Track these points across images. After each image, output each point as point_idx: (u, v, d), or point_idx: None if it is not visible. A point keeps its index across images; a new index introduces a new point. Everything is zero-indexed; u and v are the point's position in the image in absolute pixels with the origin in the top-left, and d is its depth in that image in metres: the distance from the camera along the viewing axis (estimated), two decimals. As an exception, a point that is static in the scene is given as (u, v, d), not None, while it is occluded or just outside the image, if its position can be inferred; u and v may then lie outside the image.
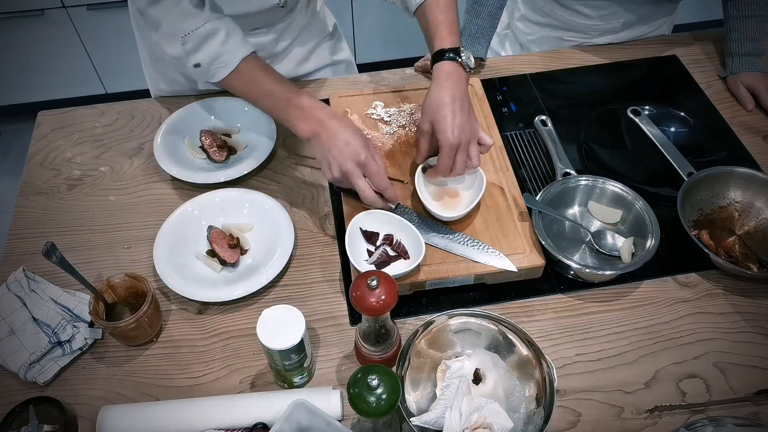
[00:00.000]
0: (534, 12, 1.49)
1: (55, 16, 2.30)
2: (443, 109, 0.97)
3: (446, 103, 0.97)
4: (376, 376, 0.73)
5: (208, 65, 1.01)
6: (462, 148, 0.98)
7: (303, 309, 0.85)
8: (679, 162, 1.16)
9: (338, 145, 0.95)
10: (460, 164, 0.99)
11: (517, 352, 0.88)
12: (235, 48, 1.01)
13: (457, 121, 0.97)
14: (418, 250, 0.97)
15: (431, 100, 0.99)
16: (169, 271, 1.00)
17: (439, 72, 1.01)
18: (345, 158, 0.95)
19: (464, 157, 0.99)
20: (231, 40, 1.01)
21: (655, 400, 0.89)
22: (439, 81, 1.00)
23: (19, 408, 0.85)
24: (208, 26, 0.99)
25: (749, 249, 1.05)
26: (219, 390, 0.91)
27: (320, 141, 0.97)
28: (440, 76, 1.00)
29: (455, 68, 1.00)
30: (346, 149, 0.95)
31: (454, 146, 0.97)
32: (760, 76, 1.30)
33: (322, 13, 1.37)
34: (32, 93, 2.56)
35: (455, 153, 0.98)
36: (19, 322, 0.94)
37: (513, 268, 0.98)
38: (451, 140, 0.96)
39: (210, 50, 1.00)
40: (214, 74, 1.02)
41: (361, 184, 0.97)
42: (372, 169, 0.97)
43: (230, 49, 1.00)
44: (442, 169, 1.00)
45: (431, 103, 0.99)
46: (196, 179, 1.13)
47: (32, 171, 1.20)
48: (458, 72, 1.00)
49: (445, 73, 1.00)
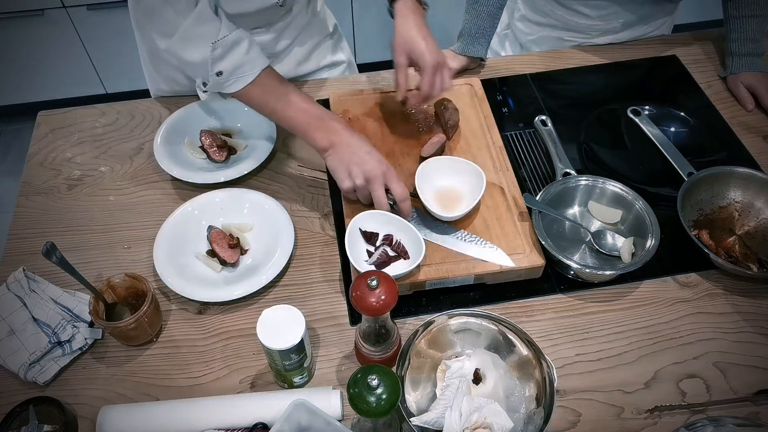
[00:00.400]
0: (534, 12, 1.49)
1: (55, 16, 2.30)
2: (416, 38, 1.06)
3: (415, 32, 1.06)
4: (376, 376, 0.73)
5: (229, 74, 1.01)
6: (440, 67, 1.07)
7: (303, 309, 0.85)
8: (679, 162, 1.16)
9: (360, 154, 0.99)
10: (438, 84, 1.08)
11: (517, 352, 0.88)
12: (256, 59, 1.02)
13: (430, 44, 1.06)
14: (418, 250, 0.97)
15: (401, 34, 1.07)
16: (169, 271, 1.00)
17: (402, 9, 1.09)
18: (369, 166, 0.98)
19: (441, 78, 1.08)
20: (252, 51, 1.02)
21: (655, 400, 0.89)
22: (404, 16, 1.08)
23: (19, 408, 0.85)
24: (234, 34, 1.00)
25: (749, 249, 1.05)
26: (219, 390, 0.91)
27: (338, 151, 1.00)
28: (403, 12, 1.08)
29: (414, 4, 1.09)
30: (368, 157, 0.99)
31: (434, 66, 1.06)
32: (760, 76, 1.30)
33: (323, 13, 1.37)
34: (32, 93, 2.56)
35: (435, 72, 1.06)
36: (19, 322, 0.94)
37: (510, 263, 0.98)
38: (431, 60, 1.05)
39: (234, 59, 1.00)
40: (233, 83, 1.02)
41: (381, 192, 0.99)
42: (394, 179, 0.99)
43: (252, 60, 1.01)
44: (425, 91, 1.08)
45: (402, 37, 1.07)
46: (196, 179, 1.13)
47: (32, 171, 1.20)
48: (417, 8, 1.10)
49: (407, 9, 1.08)
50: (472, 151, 1.15)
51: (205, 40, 0.98)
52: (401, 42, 1.07)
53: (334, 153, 1.01)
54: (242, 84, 1.02)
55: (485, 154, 1.15)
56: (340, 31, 1.46)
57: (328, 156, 1.02)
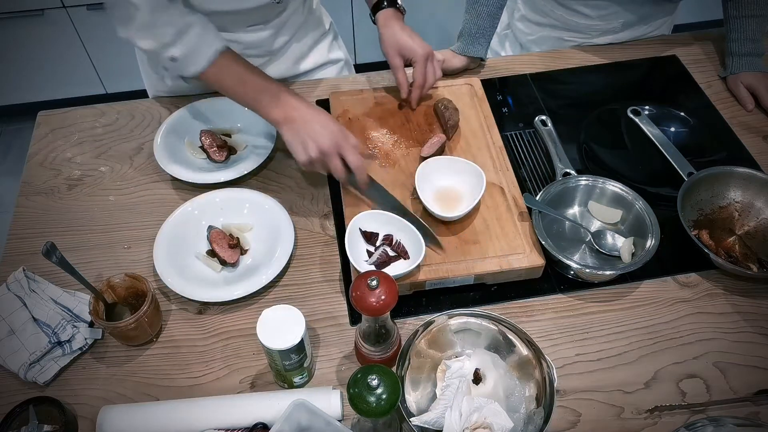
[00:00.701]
0: (534, 12, 1.49)
1: (55, 16, 2.30)
2: (402, 37, 1.16)
3: (401, 34, 1.16)
4: (376, 376, 0.73)
5: (184, 57, 1.01)
6: (430, 58, 1.17)
7: (303, 309, 0.85)
8: (679, 162, 1.16)
9: (315, 127, 1.00)
10: (431, 73, 1.18)
11: (517, 352, 0.88)
12: (211, 41, 1.02)
13: (417, 40, 1.16)
14: (418, 250, 0.97)
15: (388, 38, 1.17)
16: (169, 271, 1.00)
17: (384, 17, 1.19)
18: (323, 138, 0.99)
19: (432, 67, 1.18)
20: (207, 34, 1.02)
21: (655, 400, 0.89)
22: (387, 22, 1.18)
23: (19, 408, 0.85)
24: (184, 20, 1.00)
25: (749, 249, 1.05)
26: (219, 390, 0.91)
27: (294, 125, 1.01)
28: (386, 19, 1.18)
29: (394, 12, 1.19)
30: (322, 130, 1.00)
31: (425, 56, 1.16)
32: (760, 76, 1.30)
33: (318, 11, 1.38)
34: (32, 93, 2.56)
35: (426, 63, 1.16)
36: (19, 322, 0.94)
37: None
38: (421, 52, 1.15)
39: (187, 43, 1.00)
40: (189, 67, 1.02)
41: (336, 163, 1.00)
42: (349, 149, 1.01)
43: (207, 42, 1.02)
44: (419, 81, 1.18)
45: (390, 40, 1.17)
46: (196, 179, 1.13)
47: (32, 171, 1.20)
48: (397, 14, 1.20)
49: (389, 17, 1.18)
50: (472, 151, 1.15)
51: (158, 27, 0.99)
52: (391, 44, 1.17)
53: (288, 126, 1.01)
54: (198, 67, 1.02)
55: (485, 154, 1.15)
56: (335, 30, 1.46)
57: (283, 129, 1.02)
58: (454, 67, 1.33)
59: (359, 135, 1.18)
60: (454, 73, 1.34)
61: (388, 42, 1.17)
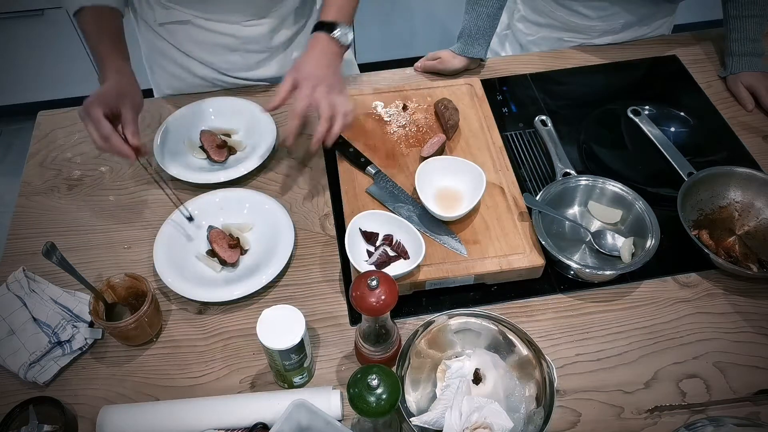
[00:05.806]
0: (534, 13, 1.49)
1: (55, 16, 2.30)
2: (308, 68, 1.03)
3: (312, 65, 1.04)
4: (376, 376, 0.73)
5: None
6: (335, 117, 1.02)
7: (303, 309, 0.85)
8: (679, 162, 1.16)
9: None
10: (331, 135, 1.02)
11: (517, 352, 0.88)
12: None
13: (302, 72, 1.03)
14: (418, 250, 0.97)
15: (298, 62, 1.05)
16: (169, 271, 1.00)
17: (310, 40, 1.07)
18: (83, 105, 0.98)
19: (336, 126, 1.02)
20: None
21: (655, 400, 0.89)
22: (307, 48, 1.06)
23: (19, 408, 0.85)
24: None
25: (749, 249, 1.05)
26: (219, 390, 0.91)
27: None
28: (309, 44, 1.07)
29: (324, 38, 1.06)
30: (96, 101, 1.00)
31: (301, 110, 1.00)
32: (760, 76, 1.30)
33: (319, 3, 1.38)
34: (32, 93, 2.56)
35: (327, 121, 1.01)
36: (19, 322, 0.94)
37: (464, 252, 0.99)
38: (299, 107, 1.00)
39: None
40: (71, 1, 1.05)
41: (87, 128, 0.99)
42: (127, 121, 1.00)
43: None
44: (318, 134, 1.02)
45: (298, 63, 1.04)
46: (196, 179, 1.13)
47: (32, 171, 1.20)
48: (326, 42, 1.06)
49: (312, 42, 1.07)
50: (472, 151, 1.15)
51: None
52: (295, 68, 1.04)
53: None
54: (77, 5, 1.04)
55: (485, 154, 1.15)
56: None
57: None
58: (453, 68, 1.33)
59: (359, 135, 1.18)
60: (454, 73, 1.34)
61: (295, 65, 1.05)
